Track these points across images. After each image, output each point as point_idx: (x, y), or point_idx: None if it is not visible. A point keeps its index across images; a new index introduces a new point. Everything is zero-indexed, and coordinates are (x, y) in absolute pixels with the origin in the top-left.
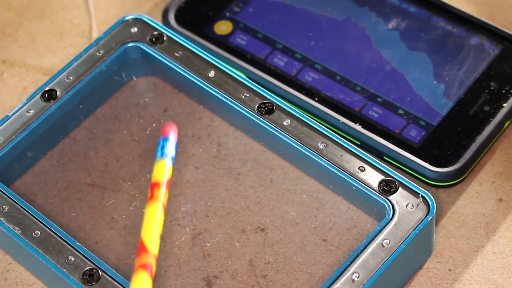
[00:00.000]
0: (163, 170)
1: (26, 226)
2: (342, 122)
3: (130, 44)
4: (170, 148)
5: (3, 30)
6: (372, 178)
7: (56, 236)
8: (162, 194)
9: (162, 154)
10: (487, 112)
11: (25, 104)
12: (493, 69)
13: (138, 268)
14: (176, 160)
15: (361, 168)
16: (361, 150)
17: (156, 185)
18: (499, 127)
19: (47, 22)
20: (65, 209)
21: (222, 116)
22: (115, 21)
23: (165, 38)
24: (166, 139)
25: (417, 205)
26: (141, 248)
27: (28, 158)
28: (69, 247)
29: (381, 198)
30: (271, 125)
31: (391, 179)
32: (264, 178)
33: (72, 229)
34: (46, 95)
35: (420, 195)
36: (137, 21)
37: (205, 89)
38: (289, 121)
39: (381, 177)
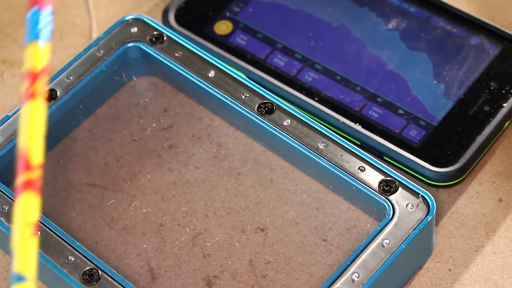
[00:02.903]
0: (40, 55)
1: None
2: (342, 122)
3: (130, 44)
4: (45, 23)
5: (3, 30)
6: (372, 178)
7: (56, 236)
8: (40, 87)
9: (35, 34)
10: (487, 112)
11: None
12: (493, 69)
13: (23, 187)
14: (176, 160)
15: (361, 168)
16: (361, 150)
17: (33, 76)
18: (499, 127)
19: None
20: (65, 209)
21: (222, 116)
22: (115, 21)
23: (165, 38)
24: (37, 13)
25: (417, 205)
26: (25, 163)
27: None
28: (69, 247)
29: (381, 198)
30: (271, 125)
31: (391, 179)
32: (264, 178)
33: (72, 229)
34: (46, 95)
35: (420, 195)
36: (137, 21)
37: (205, 89)
38: (289, 121)
39: (381, 177)
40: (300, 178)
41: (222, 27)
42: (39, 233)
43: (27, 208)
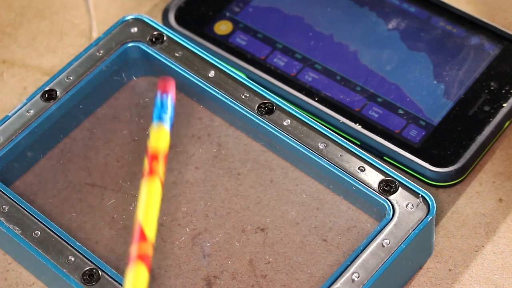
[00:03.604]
0: (163, 137)
1: (26, 226)
2: (342, 122)
3: (130, 44)
4: (169, 108)
5: (3, 30)
6: (372, 178)
7: (56, 236)
8: (161, 167)
9: (161, 117)
10: (487, 112)
11: (25, 104)
12: (493, 69)
13: (136, 259)
14: (176, 160)
15: (361, 168)
16: (361, 150)
17: (154, 157)
18: (499, 127)
19: (47, 22)
20: (65, 209)
21: (222, 116)
22: (115, 21)
23: (165, 38)
24: (165, 97)
25: (417, 205)
26: (140, 235)
27: (28, 158)
28: (69, 247)
29: (381, 198)
30: (271, 125)
31: (391, 179)
32: (264, 178)
33: (72, 229)
34: (46, 95)
35: (420, 195)
36: (137, 21)
37: (205, 89)
38: (289, 121)
39: (381, 177)
40: (300, 178)
41: (222, 27)
42: (40, 233)
43: (138, 279)
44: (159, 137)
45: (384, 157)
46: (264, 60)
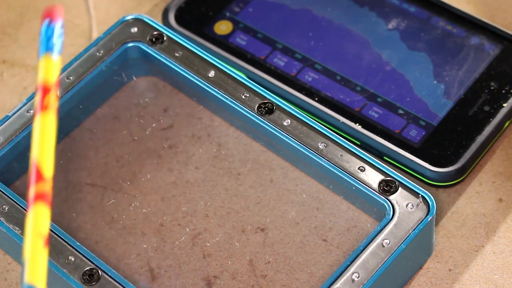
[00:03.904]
0: (53, 68)
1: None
2: (342, 122)
3: (130, 44)
4: (57, 36)
5: (3, 30)
6: (372, 178)
7: (56, 236)
8: (53, 99)
9: (48, 47)
10: (487, 112)
11: (25, 104)
12: (493, 69)
13: (35, 199)
14: (176, 160)
15: (361, 168)
16: (361, 150)
17: (46, 89)
18: (499, 127)
19: None
20: (65, 209)
21: (222, 116)
22: (115, 21)
23: (165, 38)
24: (50, 26)
25: (417, 205)
26: (37, 174)
27: (28, 158)
28: (69, 247)
29: (381, 198)
30: (271, 125)
31: (391, 179)
32: (264, 178)
33: (72, 229)
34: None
35: (420, 195)
36: (137, 21)
37: (205, 89)
38: (289, 121)
39: (381, 177)
40: (300, 178)
41: (222, 27)
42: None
43: (39, 219)
44: (48, 68)
45: (384, 157)
46: (264, 60)
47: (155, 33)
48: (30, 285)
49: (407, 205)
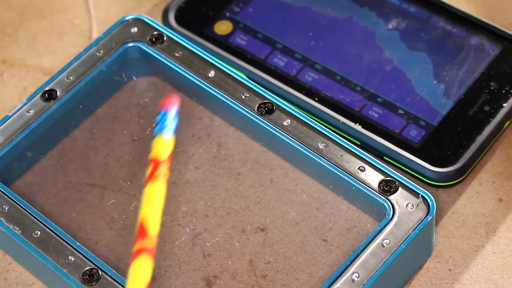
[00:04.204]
0: (163, 145)
1: (26, 226)
2: (342, 122)
3: (130, 44)
4: (171, 121)
5: (3, 30)
6: (372, 178)
7: (56, 236)
8: (163, 172)
9: (162, 128)
10: (487, 112)
11: (25, 104)
12: (493, 69)
13: (138, 252)
14: (176, 160)
15: (361, 168)
16: (361, 150)
17: (156, 162)
18: (499, 127)
19: (47, 22)
20: (65, 209)
21: (222, 116)
22: (115, 21)
23: (165, 38)
24: (166, 113)
25: (417, 205)
26: (141, 231)
27: (28, 158)
28: (69, 247)
29: (381, 198)
30: (271, 125)
31: (391, 179)
32: (264, 178)
33: (72, 229)
34: (46, 95)
35: (420, 195)
36: (137, 21)
37: (205, 89)
38: (289, 121)
39: (381, 177)
40: (300, 178)
41: (222, 27)
42: (40, 233)
43: (140, 271)
44: (160, 146)
45: (384, 157)
46: (264, 60)
47: (155, 33)
48: None
49: (407, 205)
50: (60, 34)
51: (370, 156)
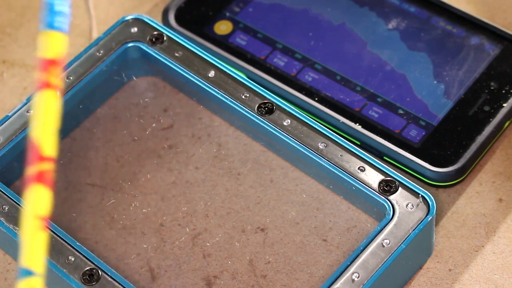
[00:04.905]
0: (56, 43)
1: None
2: (342, 122)
3: (130, 44)
4: (63, 11)
5: (3, 30)
6: (372, 178)
7: (56, 236)
8: (57, 76)
9: (52, 22)
10: (487, 112)
11: (25, 104)
12: (493, 69)
13: (34, 179)
14: (176, 160)
15: (361, 168)
16: (361, 150)
17: (48, 64)
18: (499, 127)
19: None
20: (65, 209)
21: (222, 116)
22: (115, 21)
23: (165, 38)
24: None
25: (417, 205)
26: (37, 153)
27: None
28: (69, 247)
29: (381, 198)
30: (271, 125)
31: (391, 179)
32: (264, 178)
33: (72, 229)
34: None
35: (420, 195)
36: (137, 21)
37: (205, 89)
38: (289, 121)
39: (381, 177)
40: (300, 178)
41: (222, 27)
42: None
43: (38, 201)
44: (52, 42)
45: (384, 157)
46: (264, 60)
47: (155, 33)
48: (28, 269)
49: (407, 205)
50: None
51: (370, 156)
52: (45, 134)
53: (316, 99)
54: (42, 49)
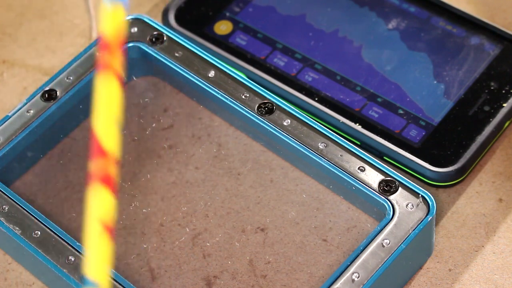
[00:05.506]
0: (119, 22)
1: (26, 226)
2: (342, 122)
3: (130, 44)
4: None
5: (3, 30)
6: (372, 178)
7: (56, 236)
8: (118, 60)
9: None
10: (487, 112)
11: (25, 104)
12: (493, 69)
13: (96, 180)
14: (176, 160)
15: (361, 168)
16: (361, 150)
17: (108, 47)
18: (499, 127)
19: (47, 22)
20: (65, 209)
21: (222, 116)
22: None
23: (165, 38)
24: None
25: (417, 205)
26: (98, 149)
27: (28, 158)
28: (69, 247)
29: (381, 198)
30: (271, 125)
31: (391, 179)
32: (264, 178)
33: (72, 229)
34: (46, 95)
35: (420, 195)
36: (137, 21)
37: (205, 89)
38: (289, 121)
39: (381, 177)
40: (300, 178)
41: (222, 27)
42: (40, 233)
43: (102, 206)
44: (115, 21)
45: (384, 157)
46: (264, 60)
47: (155, 33)
48: (91, 280)
49: (407, 205)
50: (60, 34)
51: (370, 156)
52: (107, 126)
53: (316, 99)
54: (102, 26)
